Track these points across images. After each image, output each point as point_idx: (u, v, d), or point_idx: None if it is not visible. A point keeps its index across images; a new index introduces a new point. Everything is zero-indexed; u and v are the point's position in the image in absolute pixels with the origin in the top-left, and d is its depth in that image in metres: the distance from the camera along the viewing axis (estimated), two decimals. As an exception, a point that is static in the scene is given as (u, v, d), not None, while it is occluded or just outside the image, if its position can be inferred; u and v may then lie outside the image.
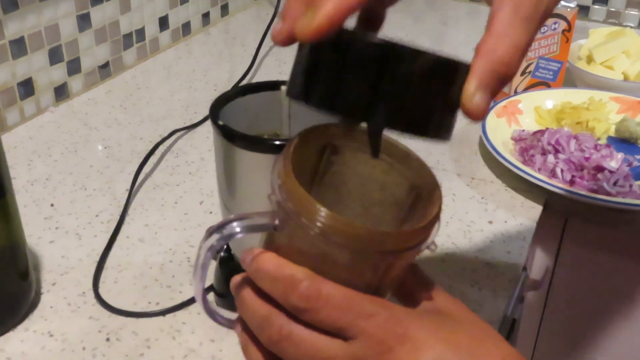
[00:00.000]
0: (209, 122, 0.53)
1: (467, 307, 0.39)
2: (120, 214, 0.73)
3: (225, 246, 0.59)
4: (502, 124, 0.89)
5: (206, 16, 1.26)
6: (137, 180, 0.78)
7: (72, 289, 0.63)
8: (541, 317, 0.93)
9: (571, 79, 1.04)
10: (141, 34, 1.10)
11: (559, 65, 0.97)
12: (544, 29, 0.94)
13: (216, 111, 0.53)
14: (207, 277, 0.61)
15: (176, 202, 0.76)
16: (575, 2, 0.96)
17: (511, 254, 0.69)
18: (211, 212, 0.74)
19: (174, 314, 0.60)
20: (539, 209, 0.77)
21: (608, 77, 1.00)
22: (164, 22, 1.15)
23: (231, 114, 0.53)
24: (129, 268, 0.66)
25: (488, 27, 0.36)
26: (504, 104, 0.92)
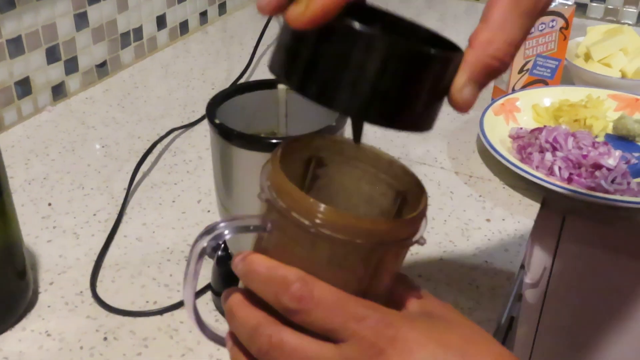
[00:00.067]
0: (206, 121, 0.52)
1: (458, 311, 0.38)
2: (118, 213, 0.73)
3: (223, 245, 0.58)
4: (499, 121, 0.89)
5: (204, 15, 1.26)
6: (135, 179, 0.78)
7: (70, 288, 0.63)
8: (539, 315, 0.93)
9: (569, 76, 1.04)
10: (139, 32, 1.10)
11: (557, 63, 0.97)
12: (542, 27, 0.94)
13: (213, 110, 0.52)
14: (207, 278, 0.61)
15: (174, 201, 0.76)
16: (573, 0, 0.96)
17: (509, 251, 0.69)
18: (209, 211, 0.74)
19: (172, 313, 0.60)
20: (536, 206, 0.77)
21: (606, 74, 1.00)
22: (161, 21, 1.14)
23: (228, 113, 0.53)
24: (126, 267, 0.66)
25: (484, 17, 0.35)
26: (501, 101, 0.92)
